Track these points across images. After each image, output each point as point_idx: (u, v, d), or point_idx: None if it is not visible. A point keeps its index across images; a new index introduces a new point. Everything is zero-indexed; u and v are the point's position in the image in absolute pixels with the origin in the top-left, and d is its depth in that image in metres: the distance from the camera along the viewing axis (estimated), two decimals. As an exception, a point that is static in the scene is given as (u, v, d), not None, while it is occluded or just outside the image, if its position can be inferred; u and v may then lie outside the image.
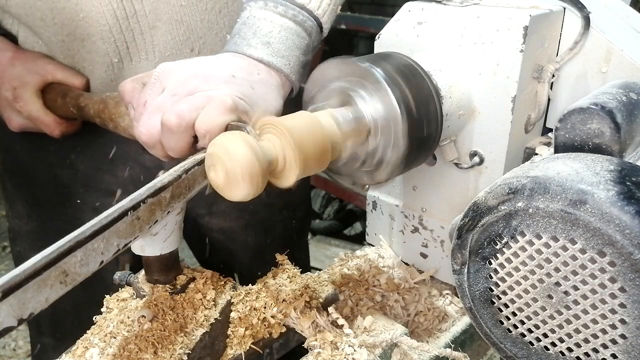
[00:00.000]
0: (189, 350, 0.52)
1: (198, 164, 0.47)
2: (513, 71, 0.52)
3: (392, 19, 0.61)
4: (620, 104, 0.45)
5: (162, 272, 0.55)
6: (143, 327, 0.52)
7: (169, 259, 0.55)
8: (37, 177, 0.86)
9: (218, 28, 0.77)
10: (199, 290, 0.57)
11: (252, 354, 0.57)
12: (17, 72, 0.74)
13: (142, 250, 0.53)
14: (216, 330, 0.56)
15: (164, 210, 0.45)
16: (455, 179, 0.61)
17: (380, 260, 0.72)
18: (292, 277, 0.62)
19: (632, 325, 0.37)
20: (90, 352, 0.52)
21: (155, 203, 0.44)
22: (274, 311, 0.57)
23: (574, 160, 0.40)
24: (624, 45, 0.54)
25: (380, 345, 0.55)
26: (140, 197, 0.43)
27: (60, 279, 0.37)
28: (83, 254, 0.38)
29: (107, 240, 0.40)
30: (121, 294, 0.58)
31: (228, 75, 0.54)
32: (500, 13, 0.52)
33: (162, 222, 0.49)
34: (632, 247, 0.35)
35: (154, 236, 0.52)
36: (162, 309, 0.54)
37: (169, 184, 0.45)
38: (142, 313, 0.53)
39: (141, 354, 0.51)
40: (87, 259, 0.39)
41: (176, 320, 0.54)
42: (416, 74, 0.52)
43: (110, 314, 0.56)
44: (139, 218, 0.43)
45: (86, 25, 0.71)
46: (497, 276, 0.44)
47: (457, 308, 0.66)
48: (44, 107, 0.75)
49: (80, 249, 0.38)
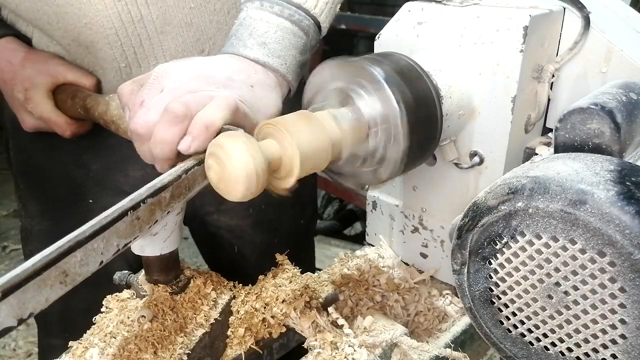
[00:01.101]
0: (189, 351, 0.52)
1: (198, 164, 0.47)
2: (513, 71, 0.52)
3: (392, 19, 0.61)
4: (620, 104, 0.45)
5: (162, 272, 0.55)
6: (143, 327, 0.52)
7: (169, 259, 0.55)
8: (51, 177, 0.87)
9: (227, 28, 0.78)
10: (199, 291, 0.57)
11: (252, 354, 0.57)
12: (28, 74, 0.74)
13: (142, 251, 0.53)
14: (216, 331, 0.56)
15: (164, 210, 0.45)
16: (455, 179, 0.61)
17: (380, 260, 0.72)
18: (292, 277, 0.62)
19: (632, 326, 0.37)
20: (90, 352, 0.52)
21: (155, 203, 0.44)
22: (274, 311, 0.57)
23: (574, 160, 0.40)
24: (624, 45, 0.54)
25: (380, 345, 0.55)
26: (140, 197, 0.43)
27: (60, 279, 0.37)
28: (83, 254, 0.38)
29: (107, 240, 0.40)
30: (121, 294, 0.58)
31: (227, 78, 0.54)
32: (500, 13, 0.52)
33: (162, 222, 0.49)
34: (632, 247, 0.35)
35: (154, 236, 0.52)
36: (162, 309, 0.54)
37: (169, 184, 0.45)
38: (142, 313, 0.53)
39: (141, 354, 0.51)
40: (87, 259, 0.39)
41: (176, 320, 0.54)
42: (416, 74, 0.52)
43: (110, 314, 0.56)
44: (139, 218, 0.43)
45: (90, 31, 0.71)
46: (497, 276, 0.44)
47: (457, 308, 0.66)
48: (55, 108, 0.76)
49: (80, 249, 0.38)
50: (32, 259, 0.36)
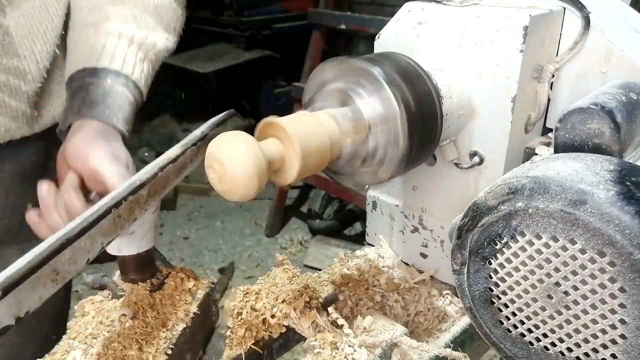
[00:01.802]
0: (172, 345, 0.53)
1: (172, 162, 0.48)
2: (513, 71, 0.52)
3: (392, 19, 0.61)
4: (620, 104, 0.45)
5: (138, 271, 0.56)
6: (125, 325, 0.53)
7: (145, 257, 0.55)
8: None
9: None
10: (177, 287, 0.58)
11: (252, 354, 0.57)
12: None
13: (119, 251, 0.54)
14: (195, 324, 0.56)
15: (142, 208, 0.46)
16: (455, 179, 0.61)
17: (380, 260, 0.72)
18: (292, 277, 0.62)
19: (632, 326, 0.37)
20: (73, 354, 0.52)
21: (134, 201, 0.45)
22: (273, 311, 0.57)
23: (574, 160, 0.40)
24: (624, 45, 0.54)
25: (380, 345, 0.55)
26: (120, 195, 0.43)
27: (52, 277, 0.38)
28: (72, 252, 0.39)
29: (92, 239, 0.41)
30: (95, 297, 0.58)
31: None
32: (500, 13, 0.52)
33: (139, 221, 0.50)
34: (632, 247, 0.35)
35: (131, 235, 0.53)
36: (142, 306, 0.54)
37: (146, 182, 0.45)
38: (122, 312, 0.54)
39: (126, 351, 0.51)
40: (75, 257, 0.39)
41: (157, 317, 0.54)
42: (416, 74, 0.52)
43: (87, 317, 0.56)
44: (120, 216, 0.44)
45: None
46: (496, 276, 0.44)
47: (457, 308, 0.66)
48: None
49: (69, 247, 0.39)
50: (24, 258, 0.36)
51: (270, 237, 3.11)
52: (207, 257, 2.92)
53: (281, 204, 3.11)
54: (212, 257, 2.93)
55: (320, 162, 0.46)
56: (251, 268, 2.82)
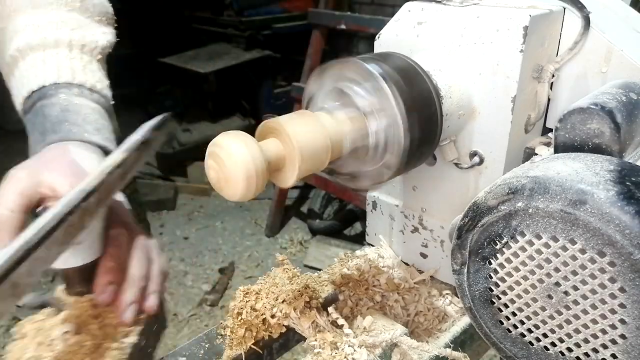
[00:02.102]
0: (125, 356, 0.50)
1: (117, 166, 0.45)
2: (513, 71, 0.52)
3: (392, 19, 0.61)
4: (620, 104, 0.45)
5: (84, 283, 0.52)
6: (69, 342, 0.49)
7: (92, 268, 0.52)
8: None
9: None
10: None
11: (252, 354, 0.57)
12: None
13: (64, 263, 0.50)
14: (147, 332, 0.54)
15: (92, 216, 0.43)
16: (455, 179, 0.61)
17: (380, 260, 0.72)
18: (292, 277, 0.62)
19: (632, 326, 0.37)
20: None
21: (85, 209, 0.42)
22: (273, 311, 0.57)
23: (574, 160, 0.40)
24: (624, 45, 0.54)
25: (380, 345, 0.55)
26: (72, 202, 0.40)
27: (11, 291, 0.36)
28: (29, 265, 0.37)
29: (48, 249, 0.39)
30: (35, 317, 0.53)
31: None
32: (500, 13, 0.52)
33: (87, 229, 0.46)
34: (632, 247, 0.35)
35: (78, 245, 0.49)
36: (85, 319, 0.51)
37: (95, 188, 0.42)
38: (64, 329, 0.50)
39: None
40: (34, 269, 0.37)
41: (103, 327, 0.51)
42: (416, 74, 0.52)
43: (24, 339, 0.51)
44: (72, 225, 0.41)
45: None
46: (497, 276, 0.44)
47: (457, 308, 0.66)
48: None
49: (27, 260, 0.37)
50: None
51: (270, 237, 3.11)
52: (207, 257, 2.92)
53: (281, 204, 3.11)
54: (212, 257, 2.93)
55: (320, 162, 0.46)
56: (251, 268, 2.82)
